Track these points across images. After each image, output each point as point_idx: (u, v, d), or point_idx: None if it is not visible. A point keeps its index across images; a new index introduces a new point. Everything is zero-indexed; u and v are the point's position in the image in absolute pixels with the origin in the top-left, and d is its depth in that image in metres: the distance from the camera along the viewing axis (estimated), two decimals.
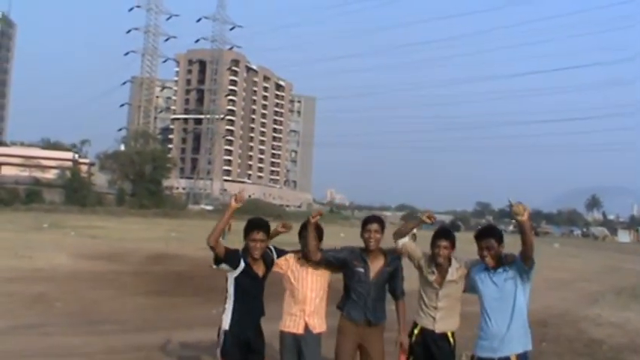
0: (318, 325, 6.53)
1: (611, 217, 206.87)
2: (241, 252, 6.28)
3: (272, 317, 6.47)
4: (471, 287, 6.28)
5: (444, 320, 6.43)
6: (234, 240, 6.11)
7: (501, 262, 5.95)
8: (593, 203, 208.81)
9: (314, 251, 6.41)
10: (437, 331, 6.41)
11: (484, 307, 6.00)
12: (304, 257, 6.50)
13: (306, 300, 6.49)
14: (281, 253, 6.60)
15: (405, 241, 6.59)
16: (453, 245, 6.39)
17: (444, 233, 6.46)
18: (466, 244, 7.02)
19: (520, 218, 5.51)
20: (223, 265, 6.19)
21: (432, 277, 6.43)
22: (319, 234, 6.53)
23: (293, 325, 6.47)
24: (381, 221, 6.62)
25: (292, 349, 6.44)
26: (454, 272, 6.38)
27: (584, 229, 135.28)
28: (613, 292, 21.52)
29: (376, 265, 6.54)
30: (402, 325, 6.57)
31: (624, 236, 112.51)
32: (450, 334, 6.46)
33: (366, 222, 6.57)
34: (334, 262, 6.54)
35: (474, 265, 6.28)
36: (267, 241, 6.28)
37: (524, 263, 5.75)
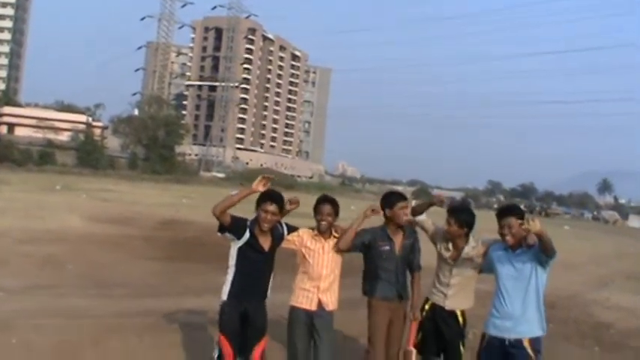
0: (332, 302, 6.48)
1: (622, 201, 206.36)
2: (249, 222, 6.13)
3: (275, 288, 6.39)
4: (488, 266, 6.24)
5: (454, 297, 6.44)
6: (246, 208, 6.04)
7: (521, 242, 5.89)
8: (605, 187, 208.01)
9: (348, 242, 6.39)
10: (446, 307, 6.44)
11: (499, 286, 5.96)
12: (320, 233, 6.43)
13: (320, 277, 6.41)
14: (292, 229, 6.46)
15: (422, 218, 6.69)
16: (462, 224, 6.38)
17: (454, 210, 6.49)
18: (476, 222, 6.98)
19: (534, 230, 5.45)
20: (227, 234, 6.08)
21: (447, 254, 6.46)
22: (336, 210, 6.47)
23: (306, 301, 6.39)
24: (407, 199, 6.73)
25: (303, 325, 6.37)
26: (470, 250, 6.38)
27: (595, 213, 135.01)
28: (622, 277, 21.54)
29: (398, 239, 6.58)
30: (415, 297, 6.61)
31: (635, 221, 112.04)
32: (459, 312, 6.47)
33: (396, 201, 6.58)
34: (360, 247, 6.53)
35: (492, 244, 6.24)
36: (278, 216, 6.13)
37: (544, 254, 5.68)
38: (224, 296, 6.11)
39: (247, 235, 6.04)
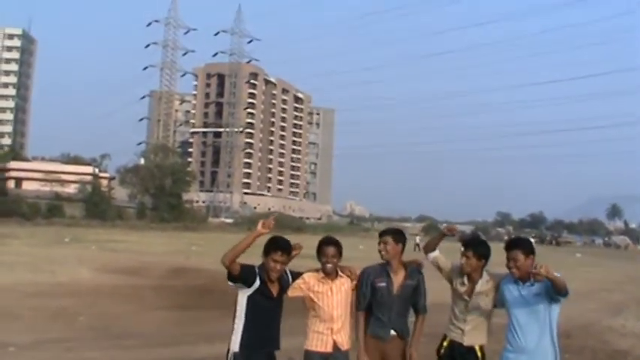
0: (346, 342, 6.36)
1: (633, 225, 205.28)
2: (258, 269, 5.98)
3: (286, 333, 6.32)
4: (500, 300, 6.19)
5: (472, 333, 6.32)
6: (252, 253, 5.99)
7: (529, 275, 5.83)
8: (614, 212, 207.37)
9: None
10: (465, 344, 6.30)
11: (511, 319, 5.93)
12: (326, 275, 6.32)
13: (333, 318, 6.29)
14: (295, 276, 6.35)
15: (435, 255, 6.56)
16: (480, 256, 6.30)
17: (470, 243, 6.41)
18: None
19: (543, 277, 5.43)
20: (238, 283, 5.91)
21: (462, 289, 6.35)
22: (339, 251, 6.35)
23: (321, 344, 6.27)
24: (395, 233, 6.52)
25: None
26: (484, 284, 6.29)
27: (606, 239, 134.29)
28: (636, 302, 21.35)
29: (399, 278, 6.41)
30: (415, 338, 6.44)
31: None
32: (477, 348, 6.34)
33: (380, 235, 6.51)
34: (369, 298, 6.42)
35: (502, 279, 6.20)
36: (286, 264, 6.07)
37: (556, 293, 5.63)
38: (235, 347, 5.93)
39: (258, 282, 5.93)
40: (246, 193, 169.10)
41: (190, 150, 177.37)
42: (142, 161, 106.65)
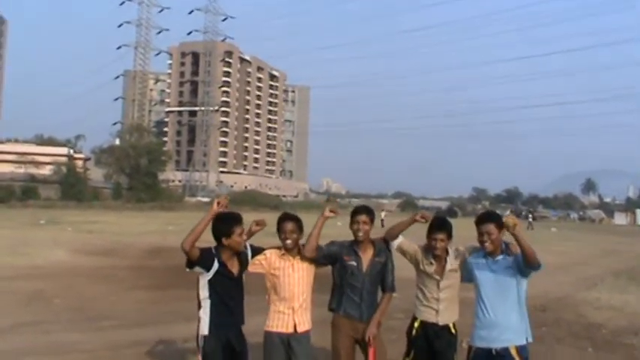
0: (307, 322, 6.32)
1: (607, 199, 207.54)
2: (215, 250, 5.92)
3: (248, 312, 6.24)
4: (467, 275, 6.20)
5: (446, 312, 6.31)
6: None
7: (501, 249, 5.89)
8: (589, 186, 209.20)
9: (313, 248, 6.19)
10: (440, 323, 6.28)
11: (480, 295, 5.94)
12: (287, 252, 6.26)
13: (293, 297, 6.23)
14: (256, 250, 6.30)
15: (398, 241, 6.47)
16: (449, 236, 6.27)
17: (440, 225, 6.30)
18: (463, 230, 6.98)
19: (512, 231, 5.49)
20: (197, 268, 5.86)
21: (431, 269, 6.29)
22: (299, 226, 6.30)
23: (281, 324, 6.21)
24: (369, 211, 6.44)
25: (281, 350, 6.17)
26: (452, 261, 6.28)
27: (581, 213, 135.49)
28: (611, 275, 21.59)
29: (367, 256, 6.36)
30: (377, 317, 6.34)
31: (621, 218, 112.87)
32: (452, 325, 6.35)
33: (354, 213, 6.39)
34: (328, 256, 6.34)
35: (470, 252, 6.20)
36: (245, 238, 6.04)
37: (527, 267, 5.66)
38: (204, 331, 5.89)
39: (216, 264, 5.85)
40: (222, 172, 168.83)
41: (166, 129, 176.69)
42: (117, 141, 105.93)
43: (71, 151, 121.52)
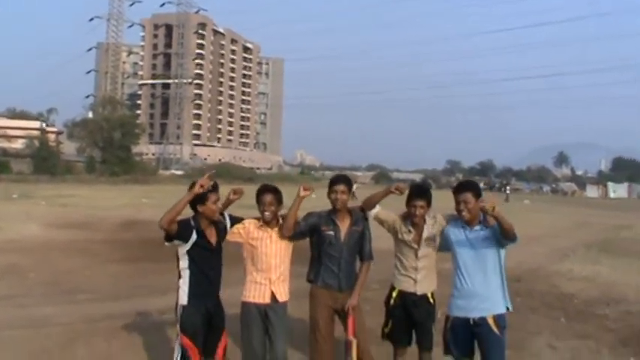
0: (285, 293, 6.36)
1: (579, 172, 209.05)
2: (193, 221, 5.93)
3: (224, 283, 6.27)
4: (445, 245, 6.20)
5: (424, 281, 6.33)
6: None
7: (479, 219, 5.90)
8: (561, 159, 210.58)
9: (290, 227, 6.21)
10: (418, 292, 6.31)
11: (458, 264, 5.95)
12: (265, 223, 6.27)
13: (270, 268, 6.26)
14: (235, 220, 6.32)
15: (375, 211, 6.47)
16: (428, 203, 6.29)
17: (420, 192, 6.33)
18: (438, 201, 6.99)
19: (491, 213, 5.47)
20: (176, 241, 5.84)
21: (409, 237, 6.30)
22: (278, 198, 6.30)
23: (258, 294, 6.24)
24: (347, 181, 6.44)
25: (258, 320, 6.21)
26: (430, 229, 6.29)
27: (554, 185, 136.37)
28: (583, 247, 21.82)
29: (345, 225, 6.37)
30: (357, 287, 6.37)
31: (593, 191, 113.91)
32: (430, 295, 6.39)
33: (332, 182, 6.39)
34: (306, 231, 6.37)
35: (448, 221, 6.20)
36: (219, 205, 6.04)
37: (504, 239, 5.70)
38: (183, 301, 5.92)
39: (195, 235, 5.86)
40: (196, 145, 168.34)
41: (139, 102, 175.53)
42: (90, 115, 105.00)
43: (43, 124, 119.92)
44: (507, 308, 5.91)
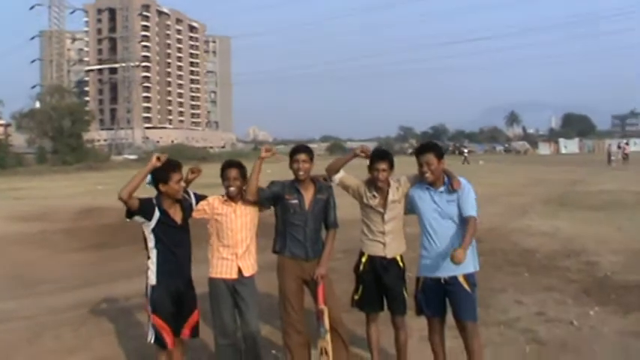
0: (252, 266, 6.34)
1: (530, 131, 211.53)
2: (155, 200, 5.92)
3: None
4: (410, 207, 6.21)
5: (392, 244, 6.28)
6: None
7: (443, 180, 5.91)
8: (513, 119, 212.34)
9: (254, 192, 6.17)
10: (388, 256, 6.26)
11: (425, 225, 5.97)
12: (229, 198, 6.25)
13: (237, 243, 6.23)
14: (200, 198, 6.30)
15: (340, 175, 6.42)
16: (391, 166, 6.24)
17: (382, 155, 6.27)
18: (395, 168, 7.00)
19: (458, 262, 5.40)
20: (137, 218, 5.82)
21: (374, 201, 6.25)
22: (242, 173, 6.28)
23: (225, 270, 6.22)
24: (308, 150, 6.38)
25: (227, 296, 6.20)
26: (395, 192, 6.24)
27: (506, 145, 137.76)
28: (540, 203, 22.19)
29: (309, 193, 6.32)
30: (325, 254, 6.33)
31: (545, 149, 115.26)
32: (399, 258, 6.35)
33: (293, 152, 6.32)
34: (270, 198, 6.30)
35: (412, 183, 6.19)
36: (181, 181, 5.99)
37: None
38: (152, 281, 5.89)
39: (157, 213, 5.85)
40: (147, 128, 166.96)
41: (87, 89, 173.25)
42: (38, 105, 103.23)
43: None
44: (475, 267, 5.97)
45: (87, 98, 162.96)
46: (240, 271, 6.24)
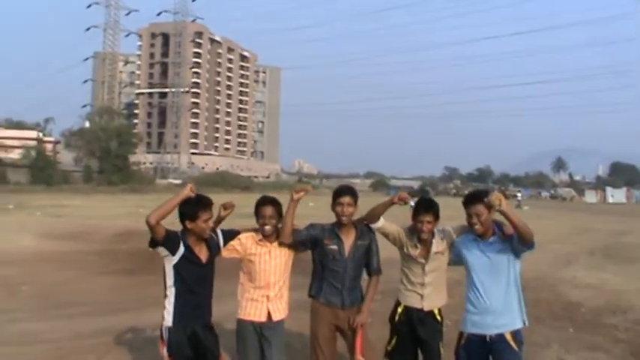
0: (282, 310, 6.02)
1: (577, 178, 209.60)
2: (181, 234, 5.58)
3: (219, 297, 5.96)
4: (456, 258, 5.87)
5: (431, 297, 5.98)
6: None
7: (493, 230, 5.58)
8: (559, 165, 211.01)
9: (288, 234, 5.87)
10: (425, 309, 5.96)
11: (473, 279, 5.62)
12: (264, 237, 5.93)
13: (269, 285, 5.92)
14: (228, 234, 5.95)
15: (380, 224, 6.08)
16: (436, 217, 5.92)
17: (427, 206, 5.94)
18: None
19: (498, 209, 5.14)
20: (160, 249, 5.48)
21: (415, 252, 5.95)
22: (279, 211, 5.95)
23: (254, 312, 5.90)
24: (353, 193, 6.06)
25: (254, 339, 5.89)
26: (439, 243, 5.93)
27: (552, 191, 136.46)
28: (586, 253, 21.60)
29: (349, 239, 6.01)
30: (367, 302, 6.05)
31: (591, 196, 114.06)
32: (437, 311, 6.02)
33: (337, 194, 6.00)
34: (307, 241, 6.01)
35: (459, 233, 5.87)
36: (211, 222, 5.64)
37: (522, 245, 5.39)
38: (168, 322, 5.53)
39: (182, 248, 5.50)
40: (193, 154, 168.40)
41: (136, 111, 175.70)
42: (87, 124, 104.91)
43: (40, 134, 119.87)
44: (524, 322, 5.60)
45: (135, 121, 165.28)
46: (269, 314, 5.92)
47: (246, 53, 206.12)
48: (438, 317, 6.04)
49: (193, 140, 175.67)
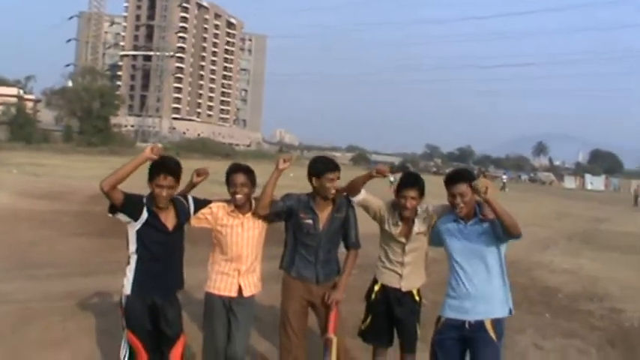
0: (254, 285, 5.75)
1: (557, 163, 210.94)
2: (145, 199, 5.21)
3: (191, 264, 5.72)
4: (436, 239, 5.60)
5: (410, 277, 5.77)
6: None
7: (475, 212, 5.29)
8: (540, 149, 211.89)
9: (266, 205, 5.57)
10: (403, 289, 5.76)
11: (453, 263, 5.33)
12: (236, 208, 5.62)
13: (241, 258, 5.62)
14: (200, 203, 5.59)
15: (362, 197, 5.84)
16: (421, 194, 5.66)
17: (412, 182, 5.66)
18: None
19: (483, 196, 4.88)
20: (120, 215, 5.11)
21: (396, 230, 5.71)
22: (251, 179, 5.62)
23: (224, 286, 5.61)
24: (339, 168, 5.74)
25: (222, 314, 5.61)
26: (421, 223, 5.70)
27: (532, 174, 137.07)
28: (565, 238, 21.64)
29: (325, 212, 5.76)
30: (343, 278, 5.82)
31: (570, 182, 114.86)
32: (415, 292, 5.84)
33: (325, 170, 5.63)
34: (282, 212, 5.73)
35: (440, 214, 5.60)
36: (175, 188, 5.24)
37: (508, 236, 5.11)
38: (127, 290, 5.20)
39: (145, 214, 5.14)
40: (175, 119, 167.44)
41: (119, 73, 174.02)
42: (70, 84, 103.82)
43: (21, 91, 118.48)
44: (510, 311, 5.37)
45: (118, 83, 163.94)
46: (240, 289, 5.65)
47: (233, 20, 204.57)
48: (416, 297, 5.86)
49: (176, 105, 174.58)
